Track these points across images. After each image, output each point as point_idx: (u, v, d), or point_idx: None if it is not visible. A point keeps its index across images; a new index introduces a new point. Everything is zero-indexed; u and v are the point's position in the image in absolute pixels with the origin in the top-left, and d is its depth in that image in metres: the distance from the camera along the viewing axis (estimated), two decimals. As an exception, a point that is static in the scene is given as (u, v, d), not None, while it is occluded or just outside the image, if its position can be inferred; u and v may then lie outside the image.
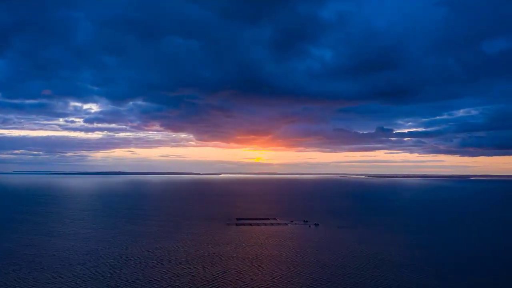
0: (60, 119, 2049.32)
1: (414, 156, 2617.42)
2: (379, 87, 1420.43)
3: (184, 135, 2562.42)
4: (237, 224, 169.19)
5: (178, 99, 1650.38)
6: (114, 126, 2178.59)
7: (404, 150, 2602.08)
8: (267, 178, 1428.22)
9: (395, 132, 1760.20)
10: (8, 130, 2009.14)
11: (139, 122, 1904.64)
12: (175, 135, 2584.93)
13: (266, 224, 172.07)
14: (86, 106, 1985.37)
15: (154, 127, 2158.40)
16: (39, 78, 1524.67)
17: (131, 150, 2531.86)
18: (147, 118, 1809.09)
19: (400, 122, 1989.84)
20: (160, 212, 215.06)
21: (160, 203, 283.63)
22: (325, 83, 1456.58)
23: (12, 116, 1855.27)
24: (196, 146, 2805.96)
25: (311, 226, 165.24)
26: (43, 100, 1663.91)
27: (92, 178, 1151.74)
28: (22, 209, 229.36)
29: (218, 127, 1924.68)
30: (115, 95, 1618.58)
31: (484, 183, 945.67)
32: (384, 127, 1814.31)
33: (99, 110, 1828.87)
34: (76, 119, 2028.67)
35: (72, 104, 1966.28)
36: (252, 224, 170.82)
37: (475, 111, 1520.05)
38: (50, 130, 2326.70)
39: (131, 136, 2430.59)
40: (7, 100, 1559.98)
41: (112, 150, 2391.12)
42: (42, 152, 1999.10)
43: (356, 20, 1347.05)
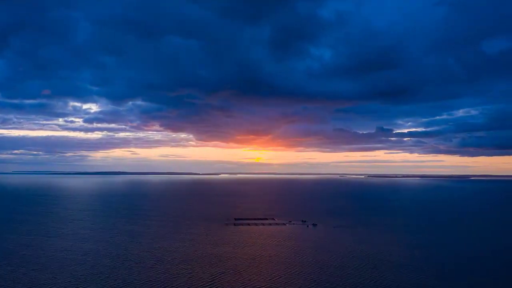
0: (60, 119, 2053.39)
1: (414, 156, 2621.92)
2: (379, 87, 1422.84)
3: (184, 135, 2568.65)
4: (235, 224, 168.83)
5: (177, 99, 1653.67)
6: (114, 126, 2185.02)
7: (404, 150, 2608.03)
8: (267, 178, 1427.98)
9: (395, 132, 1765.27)
10: (7, 130, 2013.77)
11: (139, 122, 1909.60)
12: (175, 135, 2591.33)
13: (264, 224, 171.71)
14: (85, 106, 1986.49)
15: (154, 127, 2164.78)
16: (38, 78, 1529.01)
17: (131, 150, 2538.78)
18: (146, 118, 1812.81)
19: (400, 122, 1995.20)
20: (159, 212, 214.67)
21: (159, 203, 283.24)
22: (324, 83, 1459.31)
23: (11, 116, 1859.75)
24: (196, 146, 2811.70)
25: (309, 226, 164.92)
26: (43, 100, 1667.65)
27: (92, 178, 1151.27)
28: (21, 209, 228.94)
29: (218, 127, 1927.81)
30: (115, 95, 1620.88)
31: (483, 183, 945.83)
32: (384, 127, 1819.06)
33: (98, 110, 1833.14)
34: (76, 119, 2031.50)
35: (72, 104, 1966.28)
36: (250, 224, 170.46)
37: (475, 111, 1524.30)
38: (50, 130, 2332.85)
39: (131, 136, 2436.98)
40: (7, 100, 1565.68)
41: (111, 150, 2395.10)
42: (41, 152, 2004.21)
43: (355, 20, 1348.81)
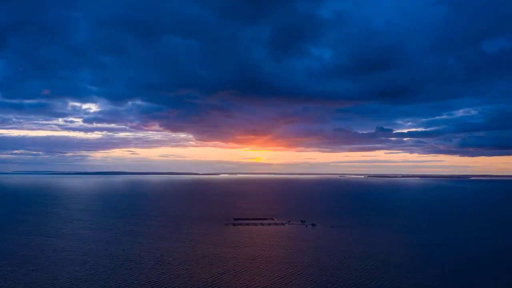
0: (59, 119, 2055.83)
1: (414, 156, 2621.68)
2: (379, 87, 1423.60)
3: (184, 135, 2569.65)
4: (234, 224, 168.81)
5: (177, 99, 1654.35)
6: (114, 126, 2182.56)
7: (404, 150, 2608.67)
8: (266, 178, 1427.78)
9: (395, 132, 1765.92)
10: (7, 130, 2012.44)
11: (139, 122, 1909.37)
12: (175, 135, 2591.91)
13: (264, 224, 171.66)
14: (85, 106, 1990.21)
15: (154, 127, 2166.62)
16: (38, 78, 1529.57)
17: (131, 150, 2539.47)
18: (146, 118, 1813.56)
19: (399, 122, 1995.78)
20: (159, 212, 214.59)
21: (159, 203, 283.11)
22: (324, 82, 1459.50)
23: (11, 116, 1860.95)
24: (196, 146, 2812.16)
25: (308, 226, 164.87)
26: (42, 100, 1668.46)
27: (92, 178, 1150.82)
28: (21, 209, 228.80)
29: (218, 127, 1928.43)
30: (114, 95, 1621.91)
31: (483, 183, 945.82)
32: (384, 127, 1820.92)
33: (98, 110, 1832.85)
34: (75, 119, 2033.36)
35: (71, 104, 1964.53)
36: (249, 224, 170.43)
37: (475, 111, 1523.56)
38: (49, 130, 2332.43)
39: (131, 136, 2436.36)
40: (6, 100, 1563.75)
41: (111, 150, 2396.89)
42: (41, 152, 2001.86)
43: (355, 20, 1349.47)
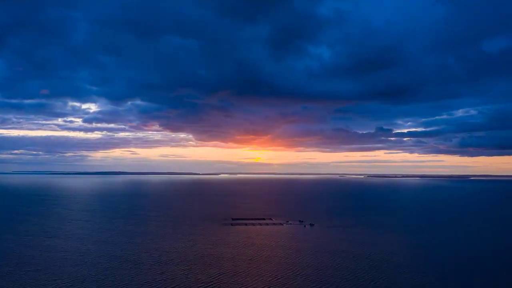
0: (59, 119, 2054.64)
1: (414, 156, 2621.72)
2: (379, 87, 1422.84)
3: (184, 135, 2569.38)
4: (232, 224, 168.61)
5: (177, 99, 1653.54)
6: (113, 126, 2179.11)
7: (404, 150, 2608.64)
8: (266, 178, 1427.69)
9: (395, 132, 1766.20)
10: (7, 130, 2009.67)
11: (138, 122, 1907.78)
12: (174, 135, 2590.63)
13: (262, 224, 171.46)
14: (84, 106, 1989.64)
15: (154, 127, 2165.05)
16: (37, 78, 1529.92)
17: (131, 150, 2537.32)
18: (146, 118, 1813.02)
19: (399, 122, 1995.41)
20: (159, 213, 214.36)
21: (159, 203, 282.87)
22: (324, 82, 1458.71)
23: (11, 116, 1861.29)
24: (196, 146, 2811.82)
25: (306, 226, 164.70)
26: (42, 100, 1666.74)
27: (92, 178, 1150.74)
28: (21, 209, 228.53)
29: (218, 127, 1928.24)
30: (114, 95, 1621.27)
31: (483, 183, 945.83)
32: (384, 127, 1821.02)
33: (97, 110, 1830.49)
34: (75, 119, 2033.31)
35: (71, 104, 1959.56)
36: (247, 224, 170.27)
37: (475, 111, 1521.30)
38: (49, 130, 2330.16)
39: (131, 136, 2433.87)
40: (6, 100, 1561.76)
41: (111, 150, 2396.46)
42: (41, 152, 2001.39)
43: (355, 19, 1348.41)
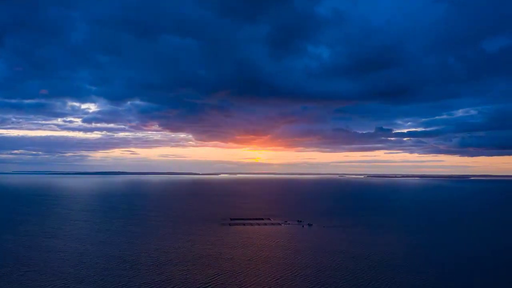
0: (59, 119, 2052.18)
1: (414, 156, 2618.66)
2: (378, 87, 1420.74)
3: (183, 135, 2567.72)
4: (230, 224, 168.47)
5: (176, 99, 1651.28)
6: (113, 126, 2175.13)
7: (404, 150, 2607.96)
8: (266, 178, 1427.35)
9: (395, 132, 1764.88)
10: (6, 130, 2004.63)
11: (138, 122, 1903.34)
12: (174, 135, 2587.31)
13: (260, 224, 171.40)
14: (84, 106, 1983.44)
15: (153, 127, 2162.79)
16: (37, 78, 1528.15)
17: (131, 150, 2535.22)
18: (145, 118, 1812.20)
19: (399, 122, 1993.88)
20: (158, 213, 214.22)
21: (158, 203, 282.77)
22: (323, 82, 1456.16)
23: (10, 116, 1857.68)
24: (195, 146, 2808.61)
25: (304, 226, 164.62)
26: (41, 100, 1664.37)
27: (92, 178, 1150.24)
28: (21, 209, 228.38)
29: (217, 127, 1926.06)
30: (113, 94, 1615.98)
31: (483, 183, 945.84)
32: (384, 127, 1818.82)
33: (97, 110, 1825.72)
34: (75, 119, 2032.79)
35: (70, 104, 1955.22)
36: (245, 224, 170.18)
37: (475, 111, 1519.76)
38: (49, 130, 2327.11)
39: (130, 136, 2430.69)
40: (5, 100, 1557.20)
41: (111, 150, 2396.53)
42: (41, 152, 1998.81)
43: (354, 18, 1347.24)
